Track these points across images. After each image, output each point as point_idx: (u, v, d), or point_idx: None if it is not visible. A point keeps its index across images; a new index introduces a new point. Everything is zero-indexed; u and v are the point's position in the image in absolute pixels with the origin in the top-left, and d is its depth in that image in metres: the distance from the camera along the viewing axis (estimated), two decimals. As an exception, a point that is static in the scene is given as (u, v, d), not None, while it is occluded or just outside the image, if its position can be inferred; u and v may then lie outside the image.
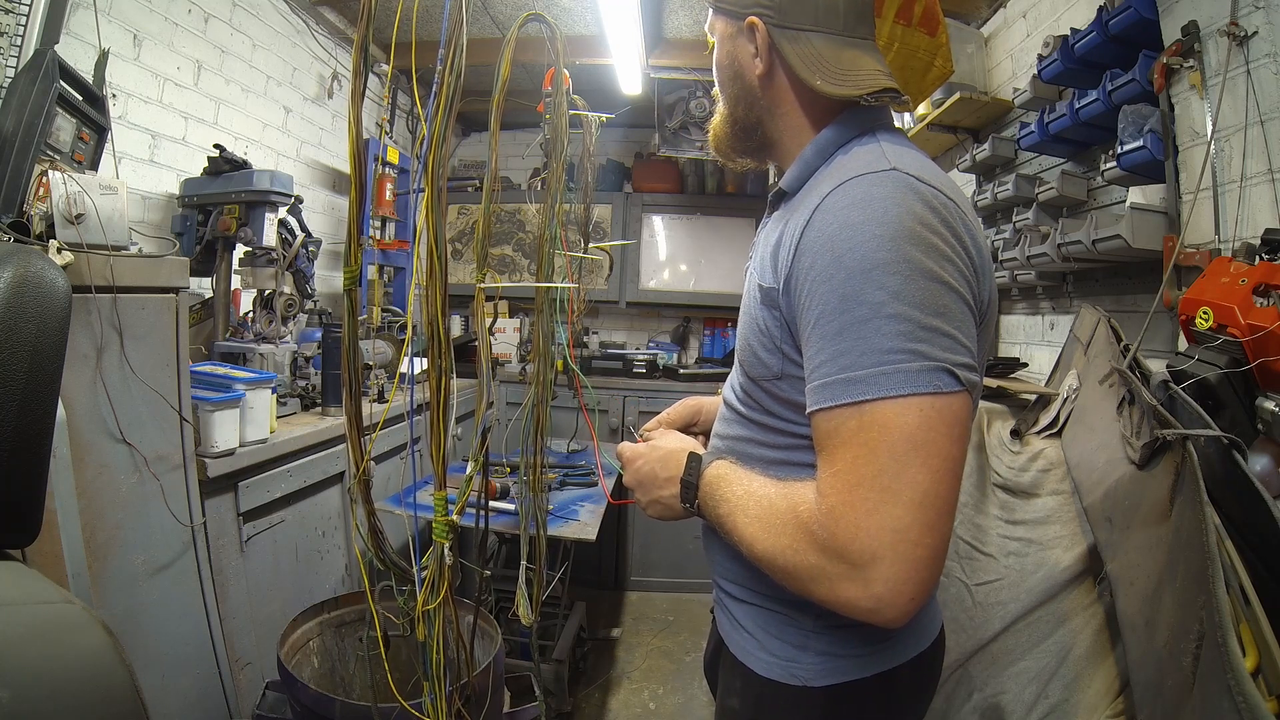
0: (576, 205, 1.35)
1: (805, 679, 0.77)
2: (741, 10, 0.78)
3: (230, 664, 1.60)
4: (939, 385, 0.59)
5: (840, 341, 0.62)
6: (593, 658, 2.70)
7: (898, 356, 0.59)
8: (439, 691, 0.87)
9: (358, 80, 0.75)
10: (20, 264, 0.72)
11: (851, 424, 0.61)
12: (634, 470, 0.87)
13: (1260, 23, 1.28)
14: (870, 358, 0.60)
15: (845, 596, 0.61)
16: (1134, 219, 1.52)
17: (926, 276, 0.61)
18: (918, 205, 0.63)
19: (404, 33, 2.90)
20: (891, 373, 0.59)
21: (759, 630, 0.81)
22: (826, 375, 0.63)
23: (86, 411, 1.28)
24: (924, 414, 0.59)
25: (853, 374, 0.61)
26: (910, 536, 0.58)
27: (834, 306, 0.62)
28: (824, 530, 0.61)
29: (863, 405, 0.60)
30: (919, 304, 0.60)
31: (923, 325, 0.60)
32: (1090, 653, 1.24)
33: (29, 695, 0.50)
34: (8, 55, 1.40)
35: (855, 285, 0.61)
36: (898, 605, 0.59)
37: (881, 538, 0.58)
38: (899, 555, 0.58)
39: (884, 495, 0.59)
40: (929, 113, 2.44)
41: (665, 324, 4.20)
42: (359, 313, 0.82)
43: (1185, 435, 1.04)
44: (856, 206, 0.64)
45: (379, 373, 2.53)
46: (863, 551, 0.59)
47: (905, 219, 0.62)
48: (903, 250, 0.61)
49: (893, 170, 0.66)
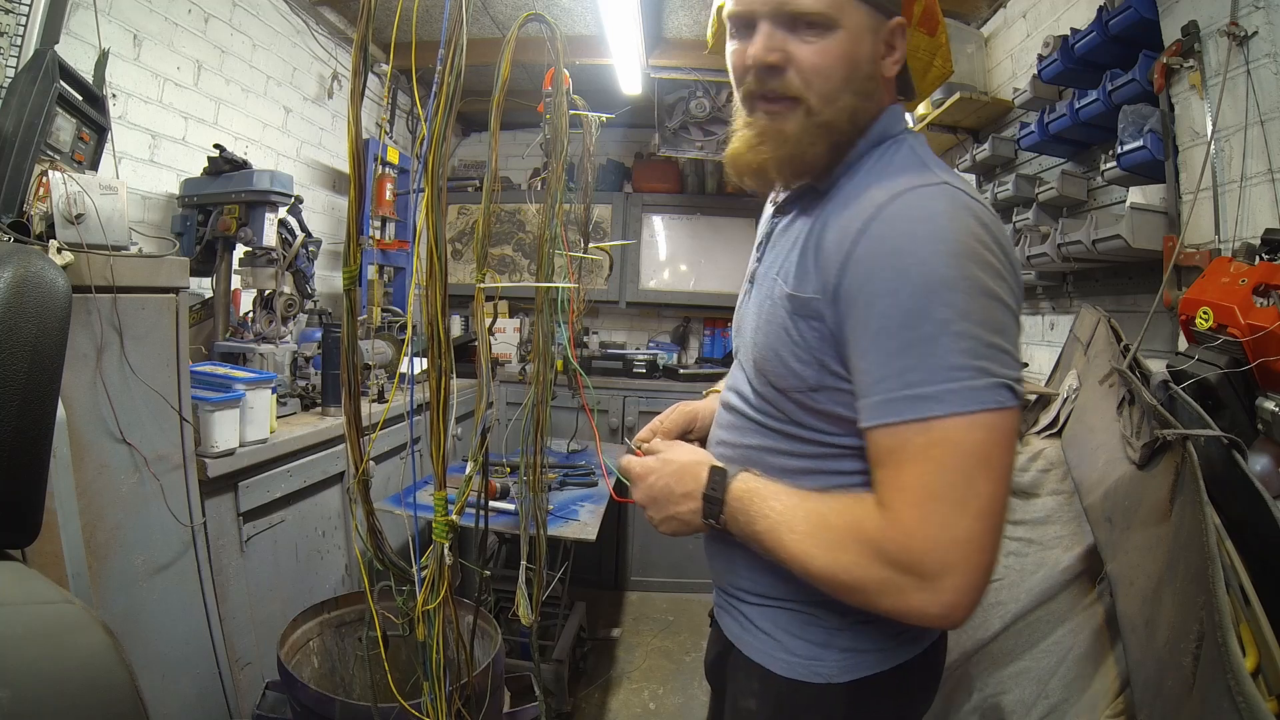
0: (576, 205, 1.35)
1: (829, 676, 0.77)
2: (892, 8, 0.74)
3: (230, 664, 1.60)
4: (1000, 400, 0.61)
5: (905, 358, 0.62)
6: (593, 658, 2.70)
7: (965, 374, 0.61)
8: (439, 691, 0.87)
9: (358, 80, 0.75)
10: (20, 264, 0.72)
11: (919, 440, 0.62)
12: (646, 487, 0.83)
13: (1260, 23, 1.28)
14: (939, 374, 0.61)
15: (914, 606, 0.63)
16: (1134, 219, 1.52)
17: (987, 294, 0.62)
18: (973, 222, 0.64)
19: (404, 33, 2.90)
20: (960, 390, 0.61)
21: (779, 631, 0.81)
22: (889, 391, 0.63)
23: (86, 411, 1.28)
24: (989, 429, 0.61)
25: (920, 390, 0.62)
26: (979, 545, 0.61)
27: (898, 322, 0.63)
28: (896, 545, 0.63)
29: (930, 422, 0.61)
30: (982, 322, 0.61)
31: (986, 343, 0.61)
32: (1090, 653, 1.24)
33: (29, 695, 0.50)
34: (8, 55, 1.40)
35: (921, 302, 0.62)
36: (965, 608, 0.62)
37: (954, 550, 0.61)
38: (970, 564, 0.61)
39: (955, 509, 0.61)
40: (929, 113, 2.44)
41: (665, 324, 4.20)
42: (359, 313, 0.82)
43: (1185, 435, 1.03)
44: (918, 221, 0.64)
45: (379, 373, 2.53)
46: (936, 564, 0.61)
47: (965, 237, 0.63)
48: (966, 268, 0.62)
49: (944, 184, 0.67)
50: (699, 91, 3.10)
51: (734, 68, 0.78)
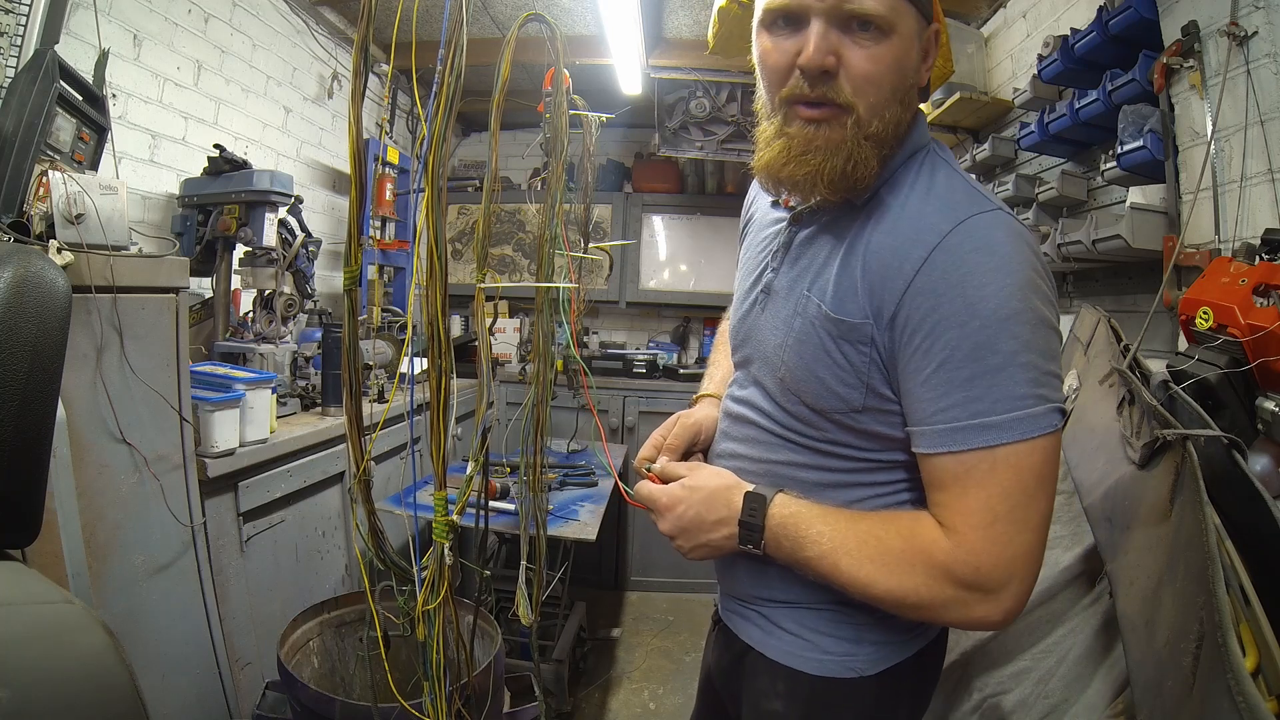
0: (576, 205, 1.35)
1: (860, 670, 0.79)
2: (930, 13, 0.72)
3: (230, 664, 1.60)
4: (1054, 424, 0.65)
5: (972, 388, 0.65)
6: (593, 658, 2.70)
7: (1029, 402, 0.64)
8: (439, 691, 0.87)
9: (358, 80, 0.75)
10: (20, 264, 0.72)
11: (984, 466, 0.65)
12: (675, 517, 0.79)
13: (1260, 23, 1.28)
14: (1005, 404, 0.64)
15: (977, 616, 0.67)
16: (1134, 219, 1.52)
17: (1044, 324, 0.66)
18: (1028, 252, 0.67)
19: (404, 33, 2.90)
20: (1024, 418, 0.64)
21: (807, 631, 0.81)
22: (955, 420, 0.66)
23: (86, 411, 1.28)
24: (1046, 452, 0.65)
25: (988, 420, 0.64)
26: (1036, 555, 0.66)
27: (966, 353, 0.65)
28: (966, 567, 0.66)
29: (997, 449, 0.64)
30: (1041, 351, 0.65)
31: (1044, 370, 0.65)
32: (1090, 653, 1.24)
33: (29, 695, 0.50)
34: (8, 55, 1.40)
35: (990, 334, 0.64)
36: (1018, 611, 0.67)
37: (1016, 564, 0.66)
38: (1028, 574, 0.66)
39: (1018, 527, 0.65)
40: (929, 113, 2.44)
41: (665, 324, 4.20)
42: (359, 313, 0.82)
43: (1185, 435, 1.03)
44: (983, 252, 0.65)
45: (379, 373, 2.53)
46: (1000, 579, 0.65)
47: (1025, 268, 0.65)
48: (1029, 299, 0.64)
49: (999, 210, 0.69)
50: (699, 91, 3.10)
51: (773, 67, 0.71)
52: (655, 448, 0.92)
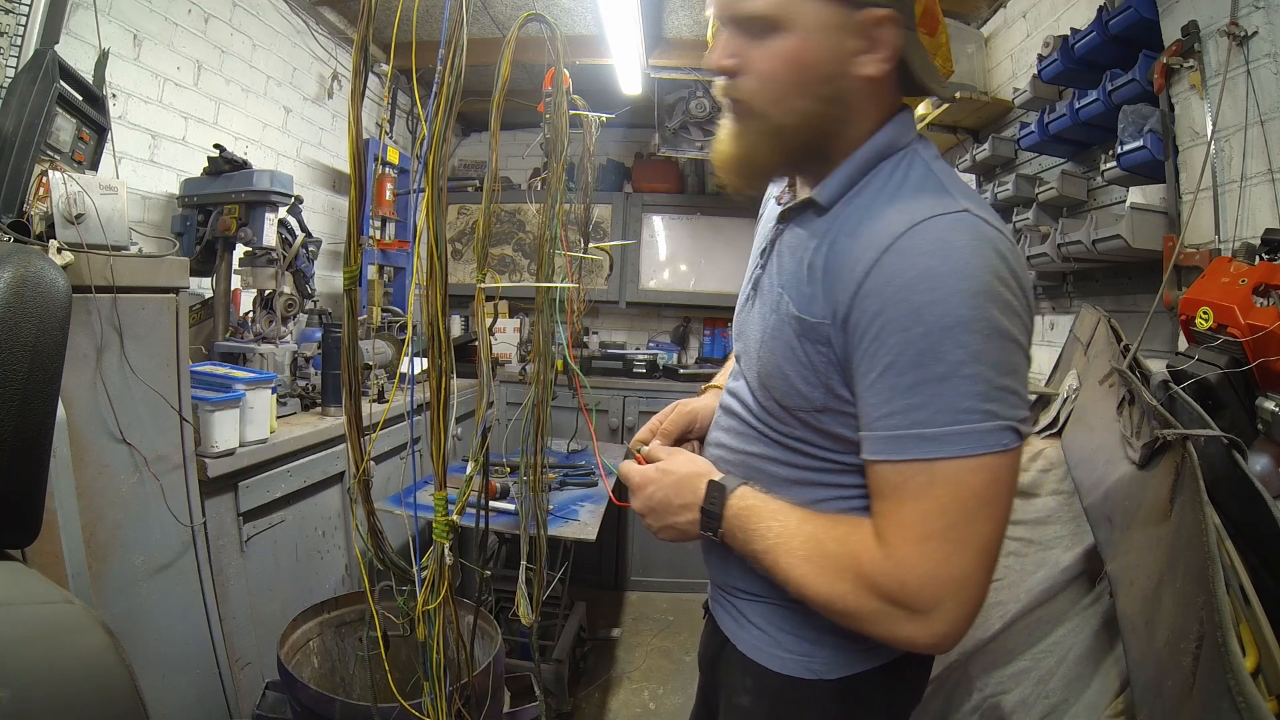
0: (576, 205, 1.35)
1: (819, 672, 0.78)
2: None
3: (230, 664, 1.60)
4: (1005, 443, 0.61)
5: (914, 396, 0.62)
6: (593, 658, 2.70)
7: (973, 416, 0.60)
8: (439, 691, 0.87)
9: (358, 80, 0.75)
10: (20, 264, 0.72)
11: (921, 479, 0.62)
12: (645, 497, 0.83)
13: (1260, 23, 1.28)
14: (945, 416, 0.61)
15: (903, 635, 0.64)
16: (1134, 219, 1.52)
17: (1002, 335, 0.61)
18: (993, 256, 0.62)
19: (404, 33, 2.90)
20: (967, 433, 0.61)
21: (772, 627, 0.81)
22: (895, 428, 0.63)
23: (86, 411, 1.28)
24: (991, 471, 0.61)
25: (926, 430, 0.61)
26: (974, 582, 0.62)
27: (909, 359, 0.62)
28: (892, 580, 0.63)
29: (935, 463, 0.61)
30: (994, 364, 0.61)
31: (996, 385, 0.61)
32: (1090, 653, 1.24)
33: (29, 695, 0.50)
34: (8, 55, 1.40)
35: (934, 341, 0.61)
36: (954, 638, 0.64)
37: (948, 586, 0.62)
38: (962, 600, 0.62)
39: (954, 548, 0.62)
40: (929, 113, 2.44)
41: (665, 324, 4.20)
42: (359, 313, 0.82)
43: (1185, 435, 1.03)
44: (936, 255, 0.62)
45: (379, 373, 2.53)
46: (928, 600, 0.62)
47: (984, 273, 0.61)
48: (983, 308, 0.61)
49: (964, 212, 0.64)
50: (699, 91, 3.10)
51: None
52: (651, 432, 0.96)
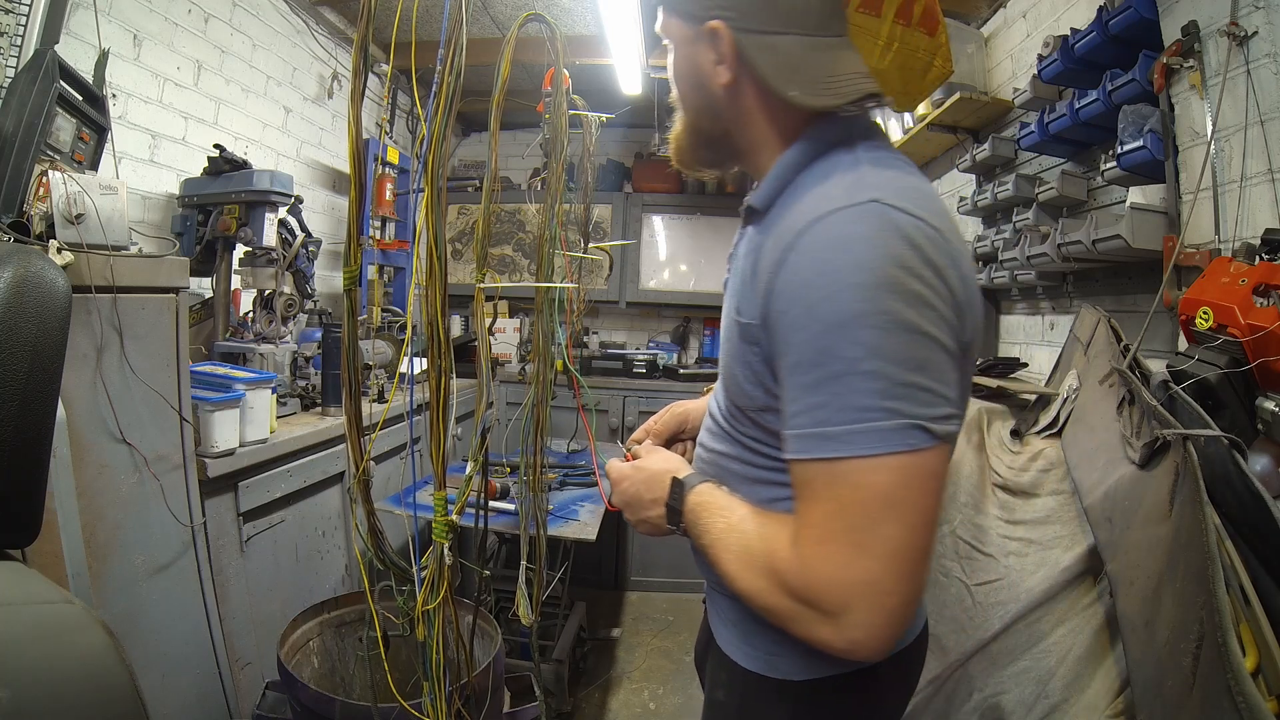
0: (576, 205, 1.35)
1: (786, 673, 0.77)
2: (702, 13, 0.71)
3: (230, 664, 1.60)
4: (913, 443, 0.58)
5: (815, 395, 0.61)
6: (593, 658, 2.70)
7: (872, 415, 0.58)
8: (439, 691, 0.87)
9: (358, 80, 0.75)
10: (20, 264, 0.72)
11: (824, 479, 0.61)
12: (620, 491, 0.87)
13: (1260, 23, 1.28)
14: (844, 415, 0.59)
15: (820, 638, 0.62)
16: (1134, 219, 1.52)
17: (905, 329, 0.58)
18: (898, 245, 0.59)
19: (404, 33, 2.90)
20: (866, 431, 0.58)
21: (745, 624, 0.81)
22: (801, 427, 0.62)
23: (86, 411, 1.28)
24: (896, 472, 0.59)
25: (827, 430, 0.60)
26: (884, 588, 0.59)
27: (809, 359, 0.61)
28: (798, 579, 0.62)
29: (835, 462, 0.60)
30: (896, 359, 0.58)
31: (899, 381, 0.58)
32: (1090, 653, 1.24)
33: (29, 695, 0.50)
34: (8, 55, 1.40)
35: (830, 339, 0.59)
36: (872, 646, 0.60)
37: (854, 590, 0.59)
38: (872, 605, 0.59)
39: (856, 550, 0.59)
40: (929, 113, 2.44)
41: (665, 324, 4.20)
42: (359, 313, 0.82)
43: (1185, 435, 1.04)
44: (832, 248, 0.60)
45: (379, 373, 2.53)
46: (835, 602, 0.60)
47: (884, 264, 0.58)
48: (881, 301, 0.58)
49: (871, 202, 0.61)
50: (699, 91, 3.10)
51: None
52: (646, 432, 1.00)
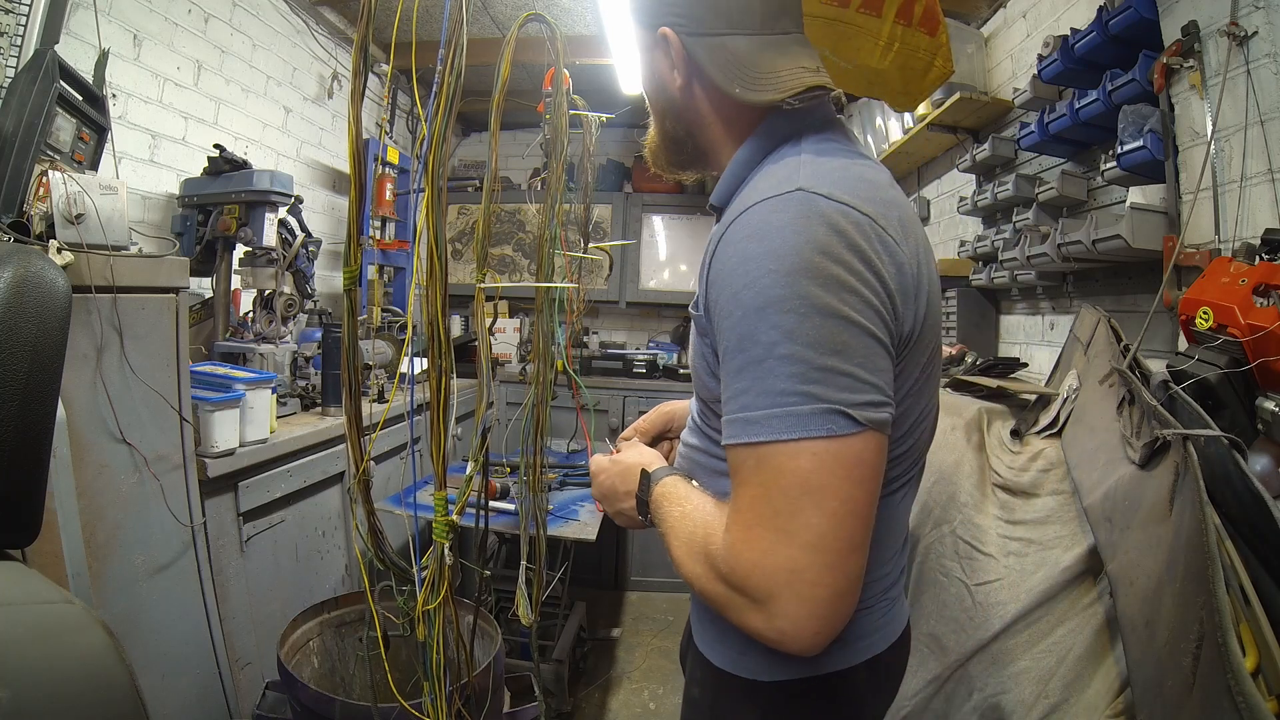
0: (576, 205, 1.35)
1: (754, 673, 0.77)
2: (653, 20, 0.76)
3: (230, 664, 1.60)
4: (831, 428, 0.58)
5: (740, 380, 0.61)
6: (593, 658, 2.70)
7: (789, 399, 0.58)
8: (439, 691, 0.87)
9: (358, 80, 0.75)
10: (20, 264, 0.72)
11: (750, 464, 0.61)
12: (598, 484, 0.90)
13: (1260, 23, 1.28)
14: (764, 399, 0.59)
15: (752, 626, 0.62)
16: (1134, 219, 1.52)
17: (823, 313, 0.58)
18: (820, 230, 0.60)
19: (404, 33, 2.90)
20: (782, 415, 0.58)
21: (717, 621, 0.81)
22: (730, 412, 0.63)
23: (86, 411, 1.28)
24: (816, 457, 0.58)
25: (749, 414, 0.60)
26: (807, 578, 0.58)
27: (734, 345, 0.62)
28: (725, 565, 0.62)
29: (758, 447, 0.60)
30: (813, 343, 0.58)
31: (816, 365, 0.58)
32: (1090, 653, 1.24)
33: (29, 695, 0.50)
34: (8, 55, 1.40)
35: (750, 325, 0.60)
36: (802, 639, 0.59)
37: (777, 577, 0.58)
38: (797, 594, 0.58)
39: (779, 537, 0.59)
40: (929, 113, 2.44)
41: (665, 324, 4.20)
42: (359, 313, 0.82)
43: (1185, 435, 1.04)
44: (754, 238, 0.62)
45: (379, 373, 2.53)
46: (759, 589, 0.59)
47: (803, 250, 0.59)
48: (797, 286, 0.58)
49: (796, 191, 0.62)
50: (699, 91, 3.10)
51: None
52: (635, 430, 1.04)
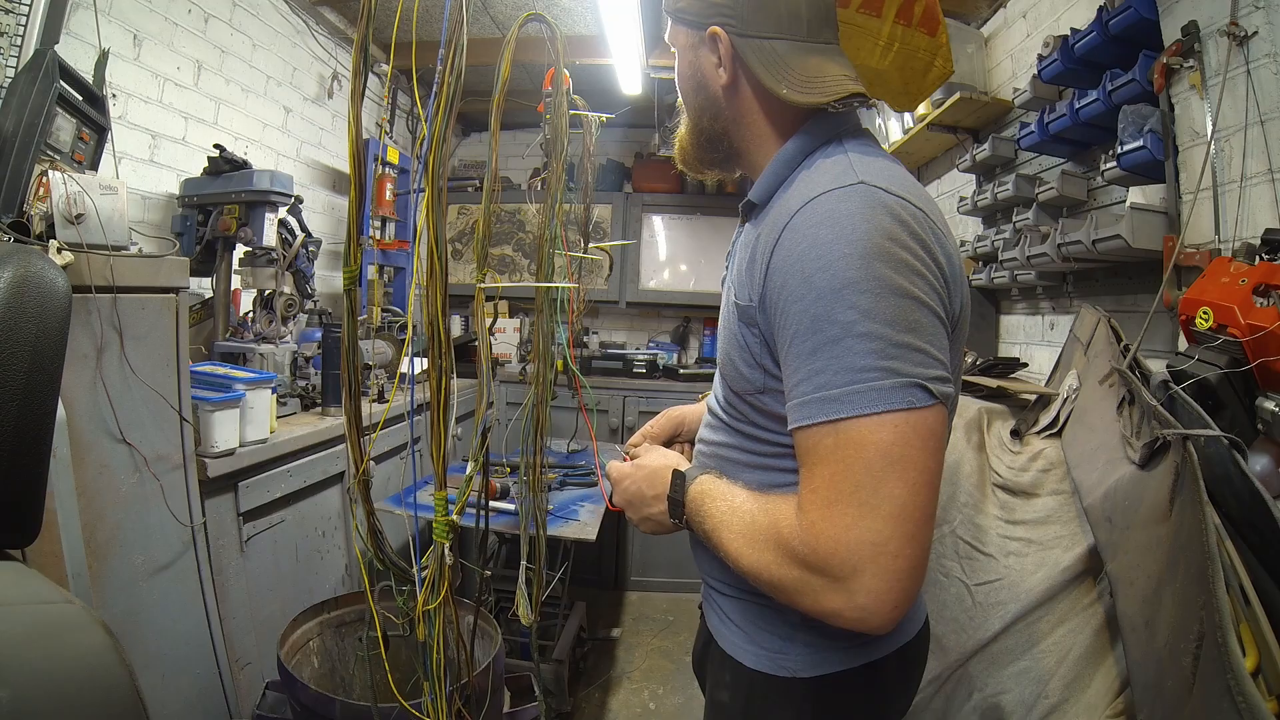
0: (576, 205, 1.35)
1: (793, 670, 0.78)
2: (703, 20, 0.78)
3: (230, 664, 1.60)
4: (912, 401, 0.61)
5: (814, 361, 0.63)
6: (593, 658, 2.70)
7: (871, 375, 0.61)
8: (439, 691, 0.87)
9: (358, 80, 0.75)
10: (20, 264, 0.72)
11: (828, 441, 0.62)
12: (622, 490, 0.88)
13: (1260, 23, 1.28)
14: (844, 376, 0.61)
15: (830, 607, 0.62)
16: (1134, 219, 1.52)
17: (896, 293, 0.61)
18: (886, 219, 0.63)
19: (404, 33, 2.90)
20: (865, 390, 0.61)
21: (747, 624, 0.82)
22: (804, 394, 0.64)
23: (86, 411, 1.28)
24: (898, 429, 0.60)
25: (828, 393, 0.62)
26: (890, 549, 0.59)
27: (807, 327, 0.63)
28: (805, 546, 0.63)
29: (838, 423, 0.62)
30: (889, 321, 0.61)
31: (894, 342, 0.61)
32: (1090, 653, 1.24)
33: (29, 695, 0.50)
34: (8, 55, 1.40)
35: (825, 306, 0.62)
36: (882, 614, 0.61)
37: (861, 551, 0.60)
38: (880, 568, 0.60)
39: (862, 510, 0.60)
40: (929, 113, 2.44)
41: (665, 324, 4.20)
42: (359, 313, 0.82)
43: (1185, 435, 1.03)
44: (824, 224, 0.64)
45: (379, 373, 2.53)
46: (843, 565, 0.60)
47: (873, 235, 0.62)
48: (872, 268, 0.61)
49: (859, 184, 0.66)
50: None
51: None
52: (643, 435, 1.02)
